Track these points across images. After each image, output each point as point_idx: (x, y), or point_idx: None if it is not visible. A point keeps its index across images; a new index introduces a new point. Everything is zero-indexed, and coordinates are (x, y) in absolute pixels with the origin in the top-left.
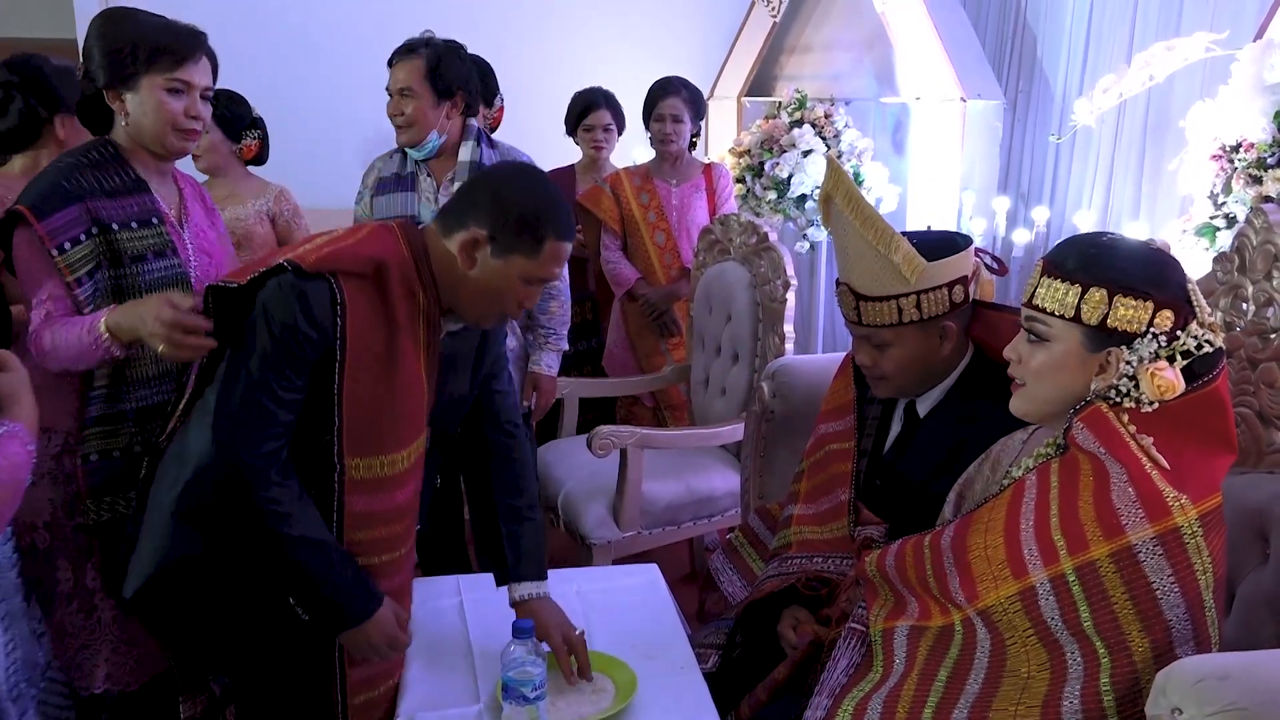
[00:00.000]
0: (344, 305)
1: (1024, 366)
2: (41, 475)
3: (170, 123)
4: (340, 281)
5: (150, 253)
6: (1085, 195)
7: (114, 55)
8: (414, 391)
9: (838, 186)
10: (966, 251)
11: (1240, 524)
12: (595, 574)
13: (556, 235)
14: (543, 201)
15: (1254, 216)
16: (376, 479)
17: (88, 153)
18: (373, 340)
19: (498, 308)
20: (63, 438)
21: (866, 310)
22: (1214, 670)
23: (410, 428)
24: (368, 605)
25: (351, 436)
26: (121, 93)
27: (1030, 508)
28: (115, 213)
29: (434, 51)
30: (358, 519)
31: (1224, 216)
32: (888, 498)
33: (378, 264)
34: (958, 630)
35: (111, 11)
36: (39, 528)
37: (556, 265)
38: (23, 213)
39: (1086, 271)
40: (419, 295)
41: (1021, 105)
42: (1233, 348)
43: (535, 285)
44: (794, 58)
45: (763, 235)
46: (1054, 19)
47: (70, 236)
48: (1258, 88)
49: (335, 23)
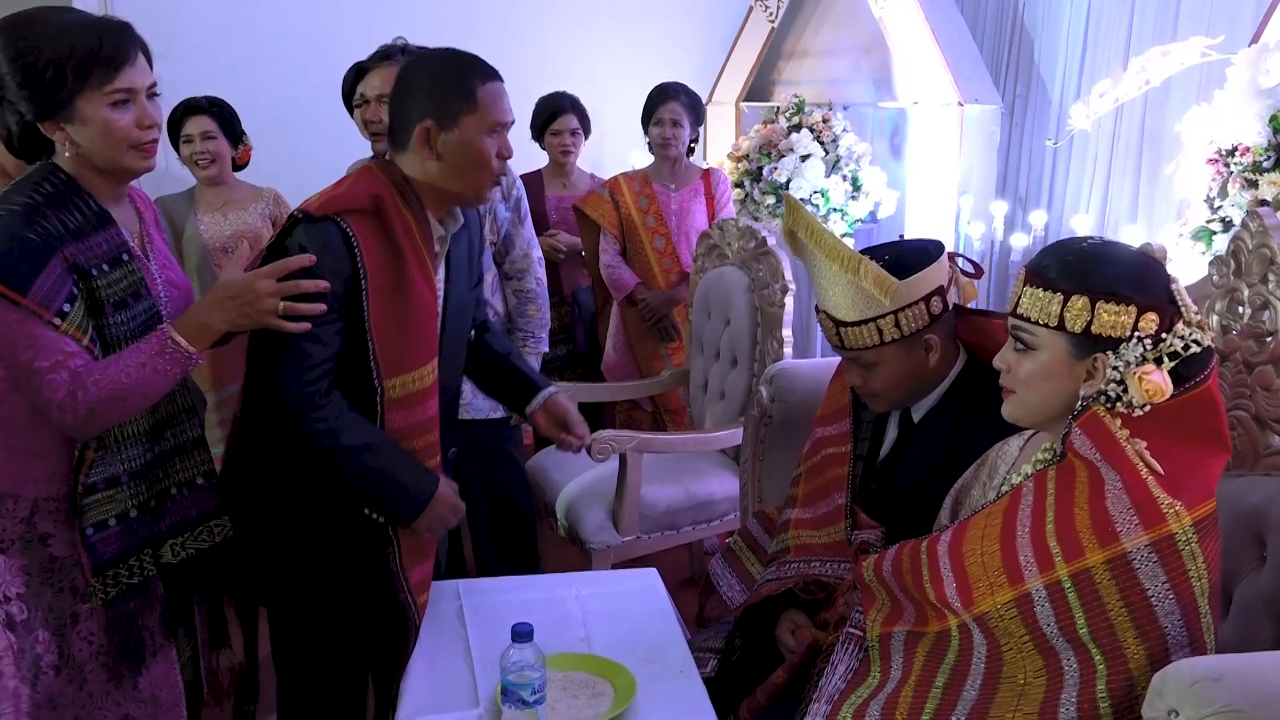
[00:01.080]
0: (356, 240)
1: (1013, 375)
2: (10, 542)
3: (125, 141)
4: (348, 220)
5: (129, 296)
6: (1083, 199)
7: (34, 83)
8: (428, 309)
9: (797, 221)
10: (940, 261)
11: (1237, 527)
12: (594, 578)
13: (481, 79)
14: (449, 63)
15: (1250, 220)
16: (409, 395)
17: (39, 188)
18: (386, 268)
19: (484, 172)
20: (30, 503)
21: (847, 335)
22: (1210, 672)
23: (429, 343)
24: (432, 483)
25: (385, 359)
26: (59, 122)
27: (1026, 514)
28: (89, 256)
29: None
30: (398, 434)
31: (1220, 220)
32: (884, 502)
33: (375, 198)
34: (954, 636)
35: (14, 26)
36: (12, 598)
37: (501, 104)
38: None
39: (1068, 279)
40: (409, 217)
41: (1019, 110)
42: (1229, 351)
43: (499, 133)
44: (792, 63)
45: (761, 240)
46: (1051, 24)
47: (65, 296)
48: (1253, 92)
49: (324, 29)
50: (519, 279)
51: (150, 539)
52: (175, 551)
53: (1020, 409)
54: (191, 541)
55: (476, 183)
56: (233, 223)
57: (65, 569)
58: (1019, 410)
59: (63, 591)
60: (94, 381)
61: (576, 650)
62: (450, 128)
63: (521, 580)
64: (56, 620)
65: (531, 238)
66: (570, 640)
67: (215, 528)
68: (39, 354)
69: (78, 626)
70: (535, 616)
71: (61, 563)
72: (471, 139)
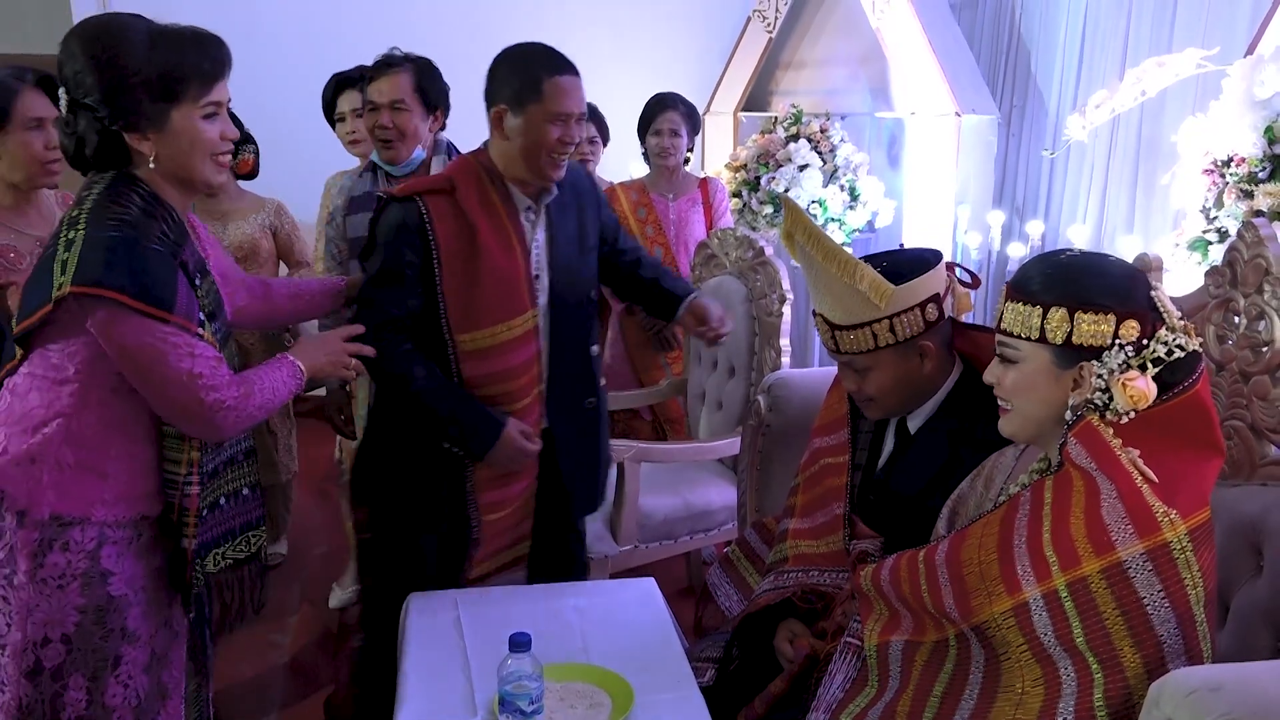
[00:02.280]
0: (430, 216)
1: (1002, 388)
2: (70, 578)
3: (211, 154)
4: (425, 199)
5: (216, 308)
6: (1079, 209)
7: (125, 92)
8: (502, 273)
9: (796, 224)
10: (937, 269)
11: (1234, 536)
12: (592, 588)
13: (549, 72)
14: (526, 55)
15: (1245, 231)
16: (484, 349)
17: (130, 199)
18: (456, 236)
19: (545, 155)
20: (97, 531)
21: (842, 339)
22: (1207, 682)
23: (508, 305)
24: (494, 428)
25: (455, 318)
26: (146, 133)
27: (1023, 524)
28: (189, 267)
29: (417, 66)
30: (472, 381)
31: (1216, 231)
32: (882, 512)
33: (449, 179)
34: (952, 645)
35: (99, 32)
36: (53, 641)
37: (564, 97)
38: (144, 310)
39: (1047, 291)
40: (491, 194)
41: (1016, 120)
42: (1225, 361)
43: (560, 123)
44: (790, 73)
45: (759, 250)
46: (1048, 35)
47: (198, 305)
48: (1248, 103)
49: (322, 39)
50: None
51: (198, 549)
52: (216, 561)
53: (1015, 424)
54: (231, 551)
55: (538, 164)
56: (231, 234)
57: (120, 609)
58: (1014, 425)
59: (112, 633)
60: (260, 389)
61: (574, 660)
62: (519, 113)
63: (520, 590)
64: (96, 664)
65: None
66: (568, 650)
67: (253, 538)
68: (197, 361)
69: (118, 670)
70: (533, 627)
71: (117, 603)
72: (535, 124)
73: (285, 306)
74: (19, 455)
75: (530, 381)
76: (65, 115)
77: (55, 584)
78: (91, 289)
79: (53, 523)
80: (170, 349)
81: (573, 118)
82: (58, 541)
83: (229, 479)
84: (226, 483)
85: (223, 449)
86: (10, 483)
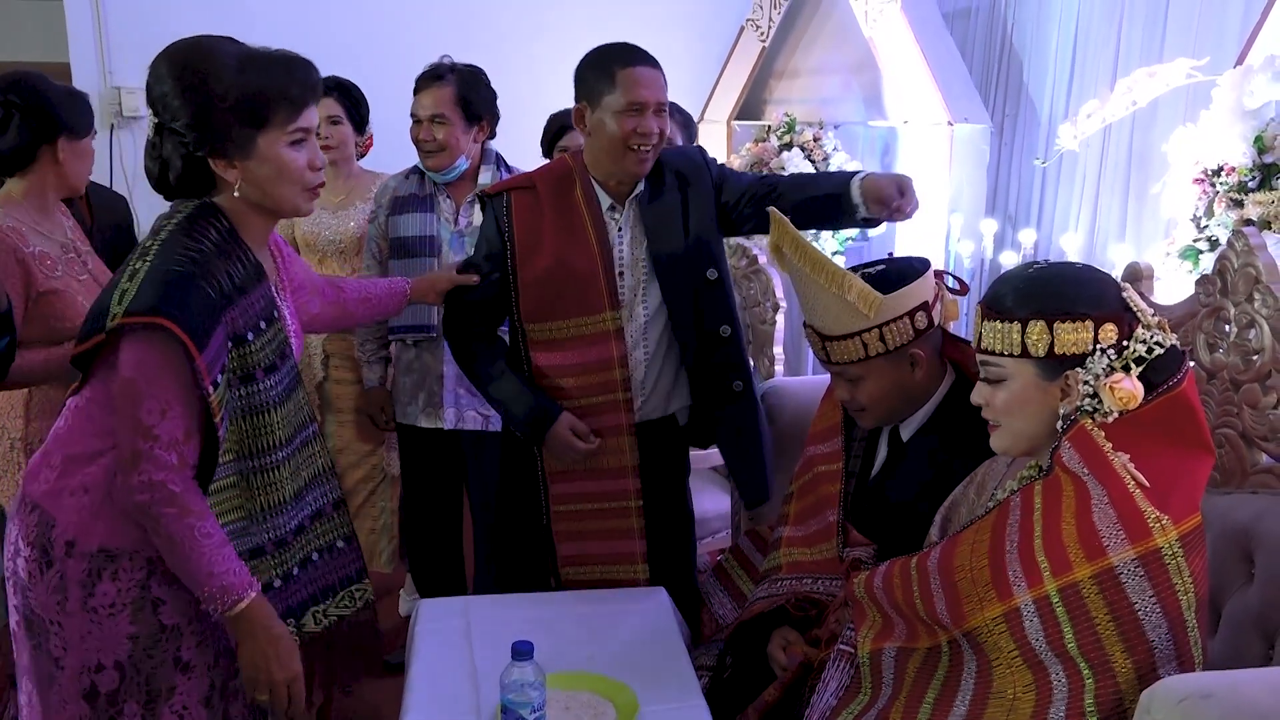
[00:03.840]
0: (510, 209)
1: (992, 408)
2: (121, 607)
3: (298, 182)
4: (510, 195)
5: (277, 358)
6: (1071, 218)
7: (213, 117)
8: (574, 271)
9: (783, 236)
10: (925, 276)
11: (1225, 544)
12: (600, 596)
13: (622, 63)
14: (601, 50)
15: (1235, 239)
16: (555, 339)
17: (206, 233)
18: (531, 234)
19: (624, 148)
20: (145, 561)
21: (833, 349)
22: (1198, 689)
23: (579, 301)
24: (543, 421)
25: (526, 306)
26: (233, 159)
27: (1014, 529)
28: (247, 317)
29: (461, 77)
30: (544, 370)
31: (1207, 239)
32: (875, 519)
33: (531, 177)
34: (944, 652)
35: (188, 55)
36: (106, 667)
37: (639, 87)
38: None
39: (1022, 306)
40: (576, 192)
41: (1008, 129)
42: (1215, 369)
43: (633, 114)
44: (783, 82)
45: (752, 258)
46: (1039, 44)
47: (220, 367)
48: (1238, 113)
49: (318, 42)
50: None
51: (293, 608)
52: (317, 619)
53: (1007, 440)
54: (334, 608)
55: (619, 158)
56: (341, 224)
57: (173, 638)
58: (1006, 441)
59: (165, 663)
60: (193, 515)
61: (580, 669)
62: (596, 108)
63: (528, 598)
64: (150, 691)
65: None
66: (574, 659)
67: (357, 592)
68: (164, 426)
69: (172, 700)
70: (540, 634)
71: (170, 631)
72: (611, 117)
73: (357, 311)
74: (73, 484)
75: (608, 383)
76: (151, 138)
77: (106, 612)
78: (142, 317)
79: (101, 554)
80: (154, 393)
81: (648, 108)
82: (107, 571)
83: (318, 533)
84: (317, 537)
85: (305, 503)
86: (61, 511)
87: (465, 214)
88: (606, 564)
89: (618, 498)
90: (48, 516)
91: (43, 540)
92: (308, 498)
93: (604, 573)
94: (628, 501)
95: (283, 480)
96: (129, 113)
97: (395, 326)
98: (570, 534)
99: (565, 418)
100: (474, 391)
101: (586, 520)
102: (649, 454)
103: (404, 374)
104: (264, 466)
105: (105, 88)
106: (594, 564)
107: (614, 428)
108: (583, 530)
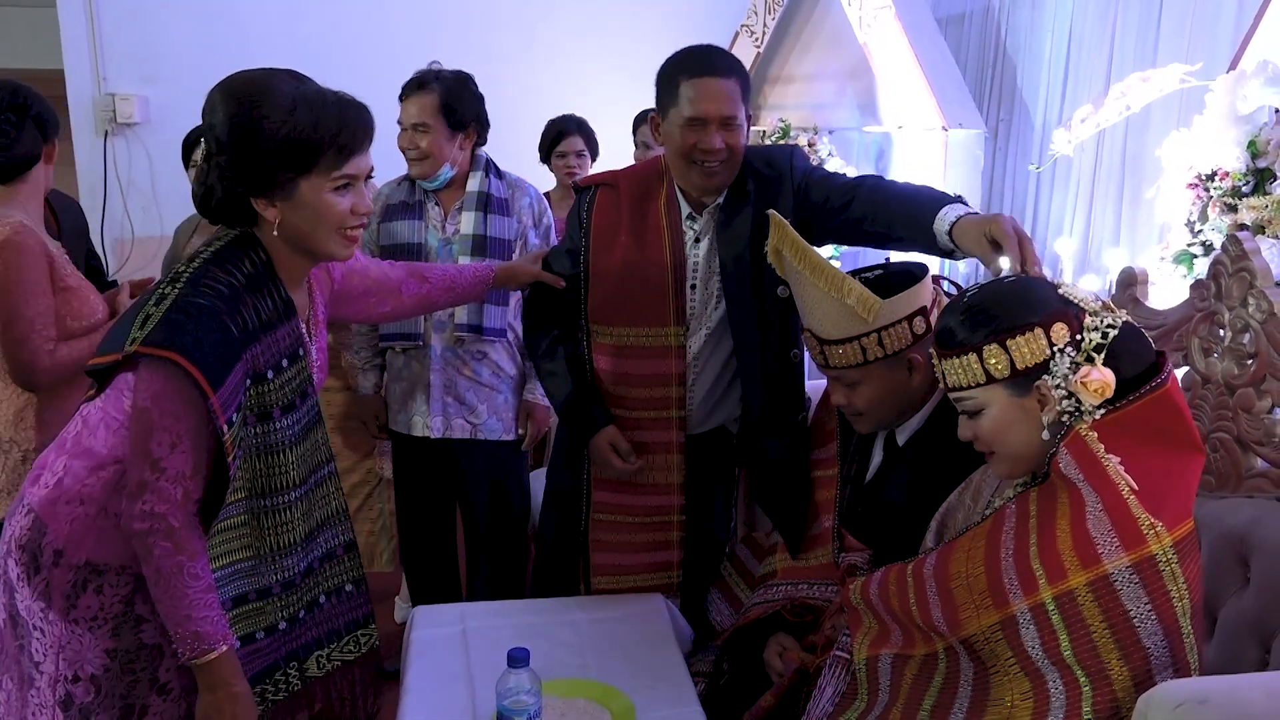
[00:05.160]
0: (592, 203)
1: (980, 440)
2: (103, 621)
3: (338, 227)
4: (597, 190)
5: (297, 397)
6: (1066, 223)
7: (257, 156)
8: (642, 277)
9: (784, 240)
10: (924, 282)
11: (1220, 549)
12: (598, 603)
13: (686, 74)
14: (675, 57)
15: (1229, 245)
16: (620, 346)
17: (240, 266)
18: (608, 232)
19: (688, 162)
20: (132, 578)
21: (831, 354)
22: (1194, 695)
23: (644, 310)
24: (587, 429)
25: (592, 305)
26: (274, 200)
27: (1010, 537)
28: (270, 355)
29: (445, 85)
30: (603, 374)
31: (1201, 244)
32: (871, 525)
33: (616, 175)
34: (941, 659)
35: (244, 89)
36: (82, 679)
37: (701, 100)
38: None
39: (972, 335)
40: (658, 195)
41: (1002, 134)
42: (1210, 374)
43: (698, 127)
44: (778, 87)
45: None
46: (1033, 50)
47: (236, 405)
48: (1231, 118)
49: (311, 52)
50: None
51: (297, 651)
52: (320, 664)
53: (1007, 465)
54: (337, 653)
55: (684, 172)
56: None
57: (152, 657)
58: (1006, 466)
59: (140, 682)
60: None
61: (577, 676)
62: (666, 118)
63: (525, 604)
64: (125, 709)
65: None
66: (571, 666)
67: (362, 637)
68: (172, 460)
69: (146, 718)
70: (537, 641)
71: (149, 651)
72: (677, 128)
73: (442, 299)
74: (70, 493)
75: (664, 399)
76: (200, 163)
77: (87, 625)
78: (158, 350)
79: (87, 567)
80: (165, 427)
81: (710, 123)
82: (92, 584)
83: (327, 575)
84: (325, 580)
85: (316, 544)
86: (55, 519)
87: (453, 220)
88: (640, 574)
89: (660, 513)
90: (41, 523)
91: (33, 546)
92: (319, 539)
93: (637, 581)
94: (670, 516)
95: (294, 521)
96: (123, 119)
97: (385, 334)
98: (606, 544)
99: (607, 432)
100: (461, 400)
101: (624, 532)
102: (696, 467)
103: (395, 381)
104: (275, 507)
105: (99, 95)
106: (627, 574)
107: (664, 444)
108: (619, 541)
